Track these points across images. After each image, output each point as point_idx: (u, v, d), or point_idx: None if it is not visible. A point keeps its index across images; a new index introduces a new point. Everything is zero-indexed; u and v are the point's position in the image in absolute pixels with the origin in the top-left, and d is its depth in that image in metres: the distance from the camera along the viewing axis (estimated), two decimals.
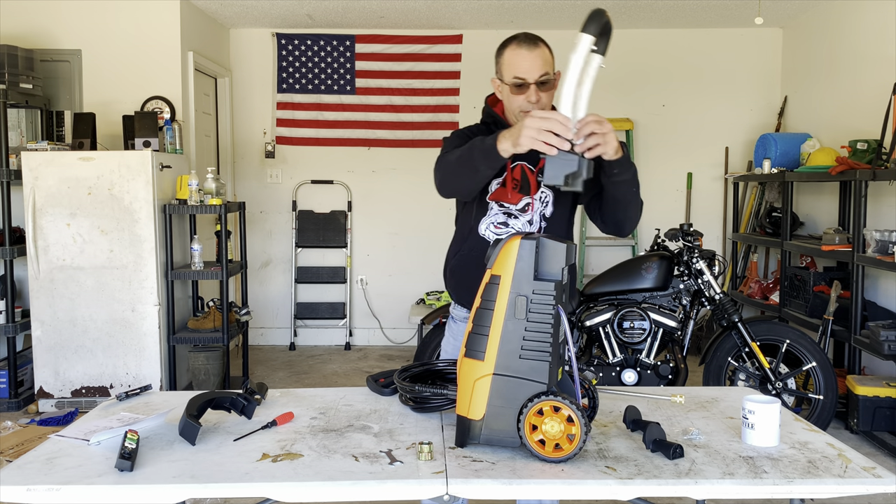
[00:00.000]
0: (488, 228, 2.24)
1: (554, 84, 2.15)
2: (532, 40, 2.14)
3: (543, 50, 2.14)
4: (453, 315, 2.41)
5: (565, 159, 1.66)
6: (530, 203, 2.20)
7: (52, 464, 1.65)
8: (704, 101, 6.58)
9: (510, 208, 2.20)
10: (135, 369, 4.71)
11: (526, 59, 2.12)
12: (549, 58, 2.15)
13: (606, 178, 2.03)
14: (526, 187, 2.20)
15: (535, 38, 2.15)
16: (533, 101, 2.13)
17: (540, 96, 2.13)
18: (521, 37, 2.15)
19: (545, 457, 1.64)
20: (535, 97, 2.13)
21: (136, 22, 5.45)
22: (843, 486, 1.54)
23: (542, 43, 2.15)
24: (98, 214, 4.61)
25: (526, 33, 2.16)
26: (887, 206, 4.73)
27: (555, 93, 2.13)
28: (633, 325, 4.19)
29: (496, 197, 2.22)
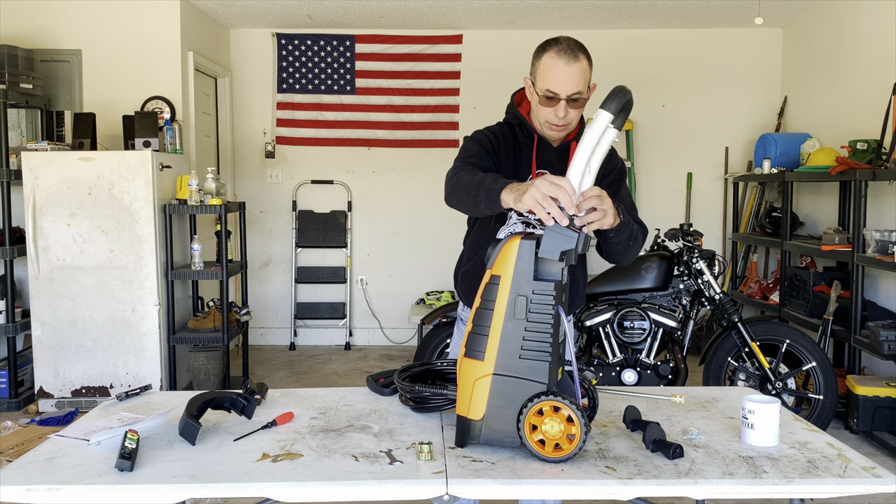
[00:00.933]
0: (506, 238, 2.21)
1: (585, 101, 2.10)
2: (572, 53, 2.04)
3: (582, 64, 2.05)
4: (462, 318, 2.40)
5: (564, 234, 1.66)
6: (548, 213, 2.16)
7: (52, 464, 1.65)
8: (704, 101, 6.58)
9: (529, 218, 2.18)
10: (135, 369, 4.71)
11: (563, 72, 2.04)
12: (586, 73, 2.07)
13: (602, 238, 2.09)
14: None
15: (577, 49, 2.05)
16: (560, 115, 2.09)
17: (568, 112, 2.09)
18: (563, 45, 2.05)
19: (545, 457, 1.64)
20: (563, 112, 2.09)
21: (136, 22, 5.45)
22: (842, 486, 1.55)
23: (584, 55, 2.06)
24: (98, 214, 4.61)
25: (569, 41, 2.06)
26: (887, 206, 4.73)
27: (581, 112, 2.13)
28: (633, 325, 4.19)
29: None
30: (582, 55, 2.05)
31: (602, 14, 6.03)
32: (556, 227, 1.66)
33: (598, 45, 6.48)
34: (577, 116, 2.13)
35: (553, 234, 1.66)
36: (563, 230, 1.66)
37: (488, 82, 6.61)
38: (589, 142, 1.69)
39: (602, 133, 1.70)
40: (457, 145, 6.63)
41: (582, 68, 2.05)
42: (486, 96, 6.61)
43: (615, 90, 1.72)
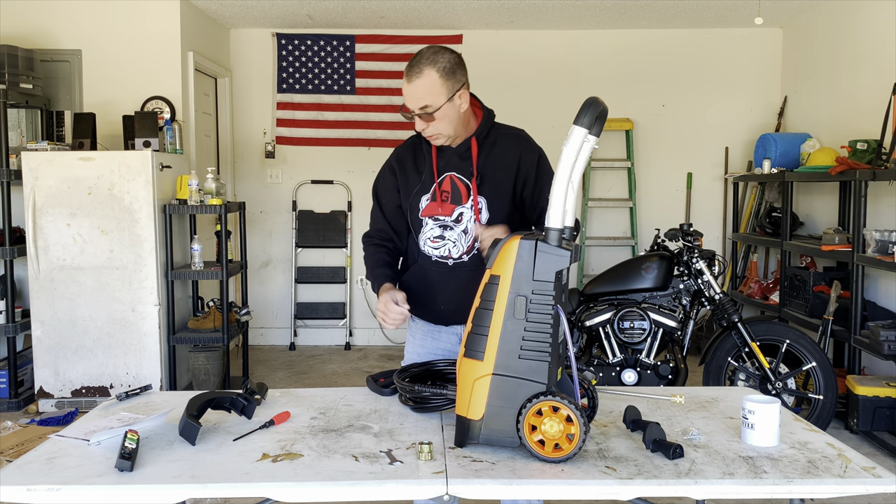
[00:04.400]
0: (426, 244, 2.27)
1: (446, 110, 2.14)
2: (416, 68, 2.12)
3: (427, 79, 2.11)
4: (410, 324, 2.44)
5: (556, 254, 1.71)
6: (463, 212, 2.21)
7: (52, 464, 1.65)
8: (704, 101, 6.58)
9: (444, 220, 2.23)
10: (135, 369, 4.71)
11: (407, 88, 2.15)
12: (435, 86, 2.11)
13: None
14: (457, 197, 2.22)
15: (424, 62, 2.12)
16: (420, 129, 2.18)
17: (426, 125, 2.16)
18: (412, 61, 2.15)
19: (545, 457, 1.64)
20: (421, 125, 2.17)
21: (136, 22, 5.45)
22: (842, 486, 1.55)
23: (431, 67, 2.11)
24: (98, 214, 4.61)
25: (420, 56, 2.14)
26: (887, 206, 4.73)
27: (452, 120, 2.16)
28: (633, 325, 4.19)
29: (428, 213, 2.25)
30: (428, 68, 2.11)
31: (602, 14, 6.03)
32: (548, 247, 1.67)
33: (598, 45, 6.56)
34: (443, 126, 2.17)
35: (546, 256, 1.67)
36: (555, 250, 1.67)
37: (488, 82, 6.58)
38: (567, 159, 1.70)
39: (579, 148, 1.71)
40: None
41: (426, 82, 2.11)
42: (486, 96, 6.55)
43: (585, 103, 1.72)
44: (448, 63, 2.13)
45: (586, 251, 6.68)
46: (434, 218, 2.24)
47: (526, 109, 6.62)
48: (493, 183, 2.21)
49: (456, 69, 2.15)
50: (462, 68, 2.19)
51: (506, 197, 2.22)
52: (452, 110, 2.15)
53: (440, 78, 2.11)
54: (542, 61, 6.58)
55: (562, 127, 6.41)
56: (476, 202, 2.20)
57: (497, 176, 2.21)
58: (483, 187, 2.20)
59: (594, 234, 6.68)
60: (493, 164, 2.22)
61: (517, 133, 2.31)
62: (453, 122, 2.17)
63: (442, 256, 2.25)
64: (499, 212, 2.21)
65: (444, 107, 2.13)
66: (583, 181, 6.50)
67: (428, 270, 2.28)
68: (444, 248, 2.24)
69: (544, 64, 6.58)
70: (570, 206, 1.75)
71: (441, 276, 2.25)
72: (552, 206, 1.70)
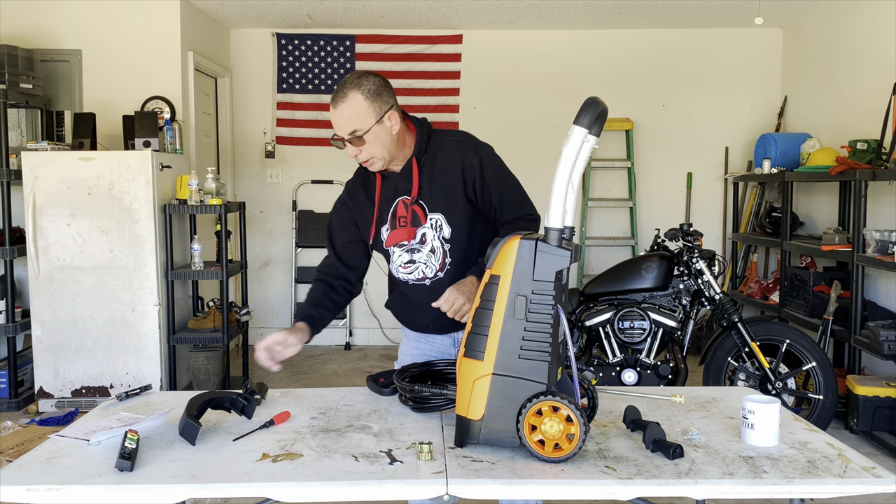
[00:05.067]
0: (399, 271, 2.26)
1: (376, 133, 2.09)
2: (340, 94, 2.07)
3: (352, 103, 2.06)
4: (404, 329, 2.45)
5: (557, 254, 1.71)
6: (425, 233, 2.20)
7: (52, 464, 1.65)
8: (704, 101, 6.58)
9: (409, 244, 2.21)
10: (135, 369, 4.71)
11: (333, 116, 2.10)
12: (361, 110, 2.07)
13: None
14: (416, 220, 2.20)
15: (349, 87, 2.07)
16: (353, 156, 2.15)
17: (358, 150, 2.12)
18: (338, 87, 2.10)
19: (545, 457, 1.64)
20: (354, 151, 2.12)
21: (136, 22, 5.45)
22: (842, 486, 1.55)
23: (356, 91, 2.06)
24: (98, 214, 4.61)
25: (345, 81, 2.09)
26: (887, 206, 4.73)
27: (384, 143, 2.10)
28: (633, 325, 4.19)
29: (392, 241, 2.23)
30: (353, 91, 2.06)
31: (602, 14, 6.03)
32: (548, 247, 1.67)
33: (598, 45, 6.56)
34: (376, 150, 2.12)
35: (546, 256, 1.67)
36: (556, 249, 1.67)
37: (488, 82, 6.61)
38: (567, 159, 1.70)
39: (579, 148, 1.71)
40: None
41: (352, 106, 2.06)
42: (486, 96, 6.62)
43: (585, 103, 1.72)
44: (373, 85, 2.08)
45: (586, 251, 6.68)
46: (399, 245, 2.22)
47: (526, 109, 6.63)
48: (445, 197, 2.17)
49: (382, 91, 2.10)
50: (388, 90, 2.13)
51: (461, 207, 2.18)
52: (383, 132, 2.11)
53: (366, 100, 2.07)
54: (542, 61, 6.58)
55: (562, 127, 6.41)
56: (434, 221, 2.18)
57: (446, 188, 2.17)
58: (436, 203, 2.17)
59: (594, 234, 6.68)
60: (439, 178, 2.18)
61: (456, 140, 2.24)
62: (386, 145, 2.13)
63: (417, 279, 2.23)
64: (460, 223, 2.18)
65: (374, 129, 2.08)
66: (583, 181, 6.50)
67: (409, 293, 2.28)
68: (416, 271, 2.23)
69: (544, 64, 6.58)
70: (570, 206, 1.75)
71: (422, 296, 2.24)
72: (552, 206, 1.70)
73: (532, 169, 6.57)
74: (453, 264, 2.20)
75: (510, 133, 6.63)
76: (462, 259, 2.20)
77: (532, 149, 6.57)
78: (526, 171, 6.85)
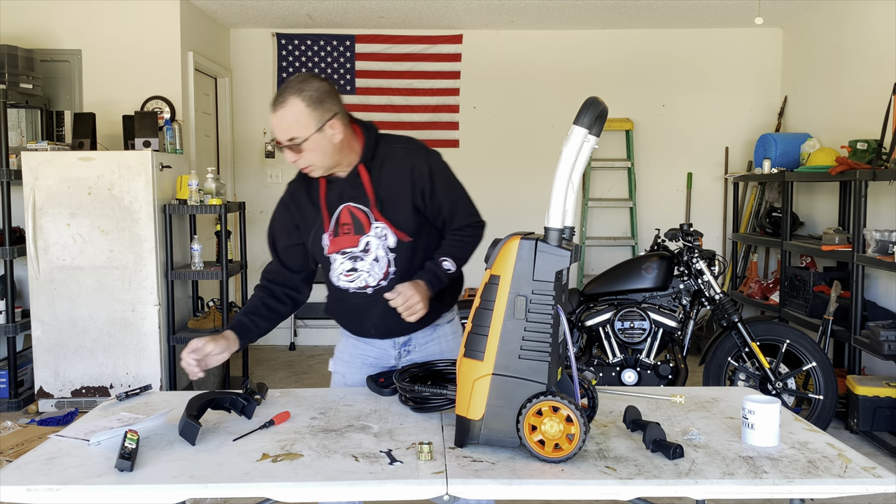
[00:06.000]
0: (340, 279, 2.19)
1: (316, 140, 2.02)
2: (280, 98, 2.00)
3: (292, 109, 1.99)
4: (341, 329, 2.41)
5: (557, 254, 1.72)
6: (369, 241, 2.13)
7: (52, 464, 1.65)
8: (704, 101, 6.58)
9: (352, 252, 2.14)
10: (135, 369, 4.71)
11: (272, 120, 2.03)
12: (301, 116, 1.99)
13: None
14: (359, 227, 2.13)
15: (290, 92, 1.99)
16: (290, 161, 2.06)
17: (297, 156, 2.05)
18: (279, 90, 2.03)
19: (545, 457, 1.64)
20: (292, 157, 2.05)
21: (136, 22, 5.45)
22: (843, 486, 1.55)
23: (296, 97, 1.98)
24: (98, 214, 4.61)
25: (287, 84, 2.02)
26: (887, 206, 4.73)
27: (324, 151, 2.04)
28: (633, 325, 4.19)
29: (334, 249, 2.16)
30: (293, 97, 1.98)
31: (602, 14, 6.03)
32: (548, 247, 1.67)
33: (598, 45, 6.56)
34: (315, 158, 2.05)
35: (546, 256, 1.67)
36: (556, 249, 1.67)
37: (488, 82, 6.61)
38: (567, 159, 1.70)
39: (579, 148, 1.70)
40: (457, 145, 6.64)
41: (291, 113, 1.99)
42: (486, 96, 6.62)
43: (585, 103, 1.72)
44: (315, 92, 2.00)
45: (586, 251, 6.68)
46: (341, 252, 2.15)
47: (526, 109, 6.63)
48: (392, 204, 2.11)
49: (325, 98, 2.01)
50: (332, 97, 2.03)
51: (408, 215, 2.12)
52: (323, 141, 2.02)
53: (307, 108, 1.98)
54: (543, 61, 6.58)
55: (562, 127, 6.41)
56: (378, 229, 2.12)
57: (393, 196, 2.11)
58: (382, 211, 2.11)
59: (594, 234, 6.68)
60: (387, 185, 2.11)
61: (405, 146, 2.17)
62: (326, 154, 2.05)
63: (359, 288, 2.17)
64: (406, 232, 2.12)
65: (313, 138, 2.01)
66: (583, 181, 6.50)
67: (348, 300, 2.21)
68: (358, 279, 2.15)
69: (544, 64, 6.58)
70: (570, 206, 1.75)
71: (363, 304, 2.19)
72: (552, 206, 1.70)
73: (532, 169, 6.61)
74: (397, 273, 2.14)
75: (510, 133, 6.63)
76: (406, 268, 2.14)
77: (532, 149, 6.57)
78: (526, 170, 6.88)
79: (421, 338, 2.27)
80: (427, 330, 2.27)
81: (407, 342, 2.27)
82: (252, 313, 2.21)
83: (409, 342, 2.27)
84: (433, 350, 2.28)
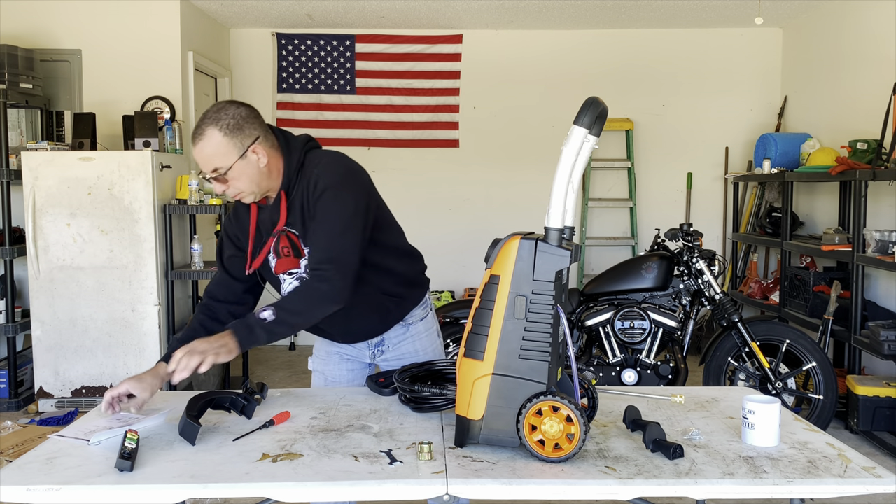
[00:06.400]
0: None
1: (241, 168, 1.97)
2: (198, 132, 1.95)
3: (210, 140, 1.94)
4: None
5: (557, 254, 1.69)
6: (307, 263, 2.09)
7: (52, 464, 1.65)
8: (704, 101, 6.58)
9: (297, 272, 2.12)
10: (135, 369, 4.71)
11: (194, 154, 1.98)
12: (219, 147, 1.94)
13: None
14: (297, 251, 2.10)
15: (207, 123, 1.94)
16: (219, 192, 2.02)
17: (224, 186, 2.00)
18: (198, 123, 1.98)
19: (545, 457, 1.64)
20: (220, 188, 2.00)
21: (136, 22, 5.45)
22: (843, 486, 1.55)
23: (213, 127, 1.94)
24: (98, 214, 4.61)
25: (203, 118, 1.96)
26: (887, 206, 4.73)
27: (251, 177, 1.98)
28: (633, 325, 4.19)
29: (280, 269, 2.13)
30: (210, 128, 1.94)
31: (602, 14, 6.03)
32: (548, 247, 1.67)
33: (598, 45, 6.56)
34: (243, 185, 2.00)
35: (546, 256, 1.68)
36: (556, 249, 1.67)
37: (488, 82, 6.60)
38: (567, 158, 1.70)
39: (579, 148, 1.71)
40: (457, 145, 6.64)
41: (210, 144, 1.94)
42: (486, 96, 6.62)
43: (585, 103, 1.72)
44: (233, 119, 1.95)
45: (586, 251, 6.68)
46: (288, 273, 2.13)
47: (525, 109, 6.63)
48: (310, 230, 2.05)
49: (244, 124, 1.96)
50: (251, 122, 1.98)
51: None
52: (248, 167, 1.97)
53: (225, 137, 1.94)
54: (542, 61, 6.58)
55: (562, 127, 6.41)
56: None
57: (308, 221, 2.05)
58: (304, 239, 2.06)
59: (594, 234, 6.68)
60: (300, 212, 2.04)
61: (317, 166, 2.05)
62: (254, 180, 2.00)
63: None
64: None
65: (237, 166, 1.96)
66: (583, 181, 6.50)
67: None
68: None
69: (544, 64, 6.58)
70: (571, 205, 1.75)
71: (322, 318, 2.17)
72: (552, 206, 1.70)
73: (532, 169, 6.61)
74: None
75: (510, 133, 6.63)
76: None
77: (532, 149, 6.57)
78: (526, 170, 6.88)
79: (394, 337, 2.29)
80: (399, 329, 2.29)
81: (380, 342, 2.30)
82: (191, 339, 2.00)
83: (383, 342, 2.30)
84: (407, 349, 2.30)
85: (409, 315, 2.29)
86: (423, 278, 2.35)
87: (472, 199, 6.68)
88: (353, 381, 2.36)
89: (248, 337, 1.94)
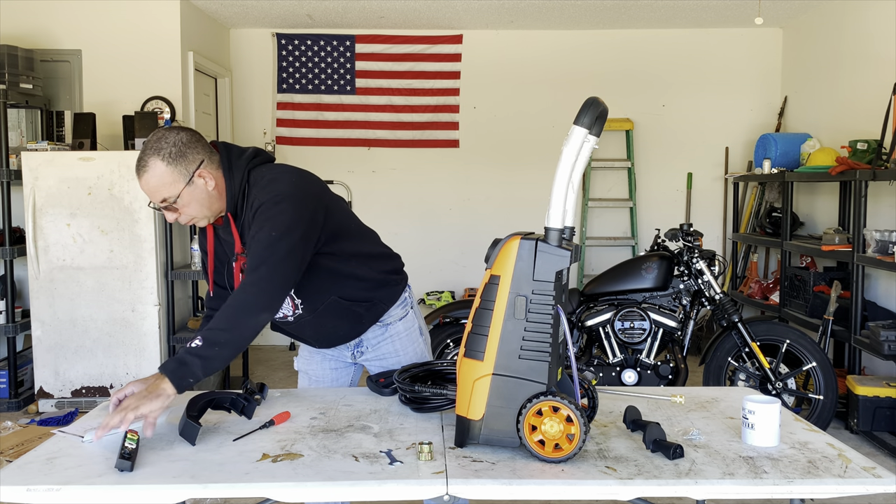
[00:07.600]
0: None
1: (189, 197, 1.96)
2: (140, 165, 1.93)
3: (153, 172, 1.92)
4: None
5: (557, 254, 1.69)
6: None
7: (52, 464, 1.65)
8: (704, 101, 6.58)
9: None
10: (135, 369, 4.71)
11: (140, 186, 1.97)
12: (163, 178, 1.92)
13: None
14: None
15: (148, 155, 1.92)
16: (171, 220, 2.02)
17: (175, 216, 2.00)
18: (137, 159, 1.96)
19: (545, 457, 1.64)
20: (172, 217, 2.00)
21: (136, 22, 5.45)
22: (843, 486, 1.55)
23: (156, 158, 1.91)
24: (98, 214, 4.61)
25: (142, 151, 1.94)
26: (887, 206, 4.73)
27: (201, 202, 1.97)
28: (633, 325, 4.19)
29: None
30: (153, 159, 1.92)
31: (602, 14, 6.03)
32: (548, 247, 1.67)
33: (598, 45, 6.56)
34: (195, 210, 1.99)
35: (546, 256, 1.68)
36: (556, 250, 1.67)
37: (488, 82, 6.60)
38: (567, 159, 1.70)
39: (579, 148, 1.71)
40: (457, 145, 6.64)
41: (155, 175, 1.92)
42: (486, 96, 6.61)
43: (585, 104, 1.72)
44: (174, 147, 1.92)
45: (586, 251, 6.68)
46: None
47: (526, 109, 6.63)
48: None
49: (186, 150, 1.94)
50: (194, 146, 1.96)
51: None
52: (197, 192, 1.96)
53: (168, 166, 1.92)
54: (542, 61, 6.58)
55: (562, 127, 6.41)
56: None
57: None
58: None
59: (594, 234, 6.68)
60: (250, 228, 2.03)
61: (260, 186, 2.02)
62: (204, 204, 1.99)
63: (281, 318, 2.17)
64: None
65: (184, 193, 1.95)
66: (583, 181, 6.50)
67: (279, 324, 2.21)
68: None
69: (544, 64, 6.58)
70: (571, 206, 1.75)
71: (293, 328, 2.21)
72: (552, 207, 1.70)
73: (532, 169, 6.61)
74: (304, 302, 2.13)
75: (510, 133, 6.63)
76: (312, 294, 2.11)
77: (532, 149, 6.57)
78: (526, 170, 6.88)
79: (372, 338, 2.30)
80: (377, 329, 2.29)
81: (359, 343, 2.31)
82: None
83: (361, 343, 2.31)
84: (387, 349, 2.31)
85: (386, 315, 2.28)
86: (396, 278, 2.31)
87: (472, 199, 6.68)
88: (336, 380, 2.38)
89: (180, 370, 1.82)
